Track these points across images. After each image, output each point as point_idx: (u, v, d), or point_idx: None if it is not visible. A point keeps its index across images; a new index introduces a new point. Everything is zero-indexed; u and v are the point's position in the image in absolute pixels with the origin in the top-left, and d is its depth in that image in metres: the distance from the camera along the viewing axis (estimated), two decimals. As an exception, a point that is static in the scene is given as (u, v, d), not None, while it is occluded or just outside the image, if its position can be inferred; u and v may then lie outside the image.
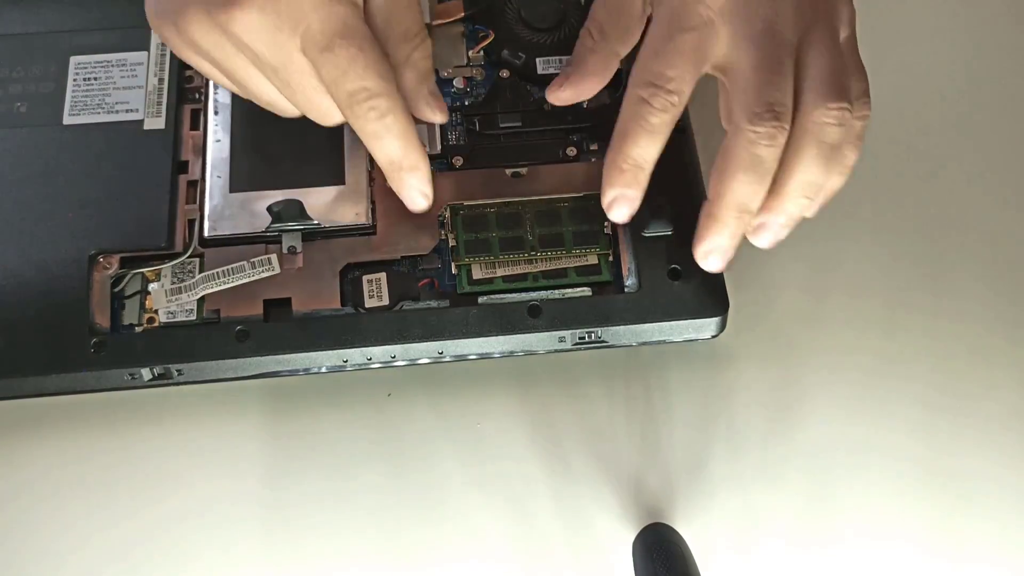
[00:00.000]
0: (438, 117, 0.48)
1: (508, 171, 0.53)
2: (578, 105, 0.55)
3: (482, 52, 0.58)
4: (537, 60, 0.57)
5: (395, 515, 0.50)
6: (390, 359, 0.50)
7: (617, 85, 0.55)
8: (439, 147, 0.55)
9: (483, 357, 0.51)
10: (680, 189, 0.52)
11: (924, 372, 0.53)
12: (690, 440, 0.51)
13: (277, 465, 0.51)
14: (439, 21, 0.58)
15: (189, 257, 0.51)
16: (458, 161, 0.54)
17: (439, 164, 0.54)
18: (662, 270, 0.50)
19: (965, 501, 0.50)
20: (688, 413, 0.52)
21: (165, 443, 0.51)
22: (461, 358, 0.50)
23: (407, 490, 0.50)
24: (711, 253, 0.46)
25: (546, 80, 0.56)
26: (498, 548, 0.49)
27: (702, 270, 0.49)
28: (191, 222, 0.52)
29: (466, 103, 0.56)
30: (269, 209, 0.51)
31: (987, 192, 0.58)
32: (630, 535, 0.48)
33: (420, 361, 0.50)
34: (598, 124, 0.55)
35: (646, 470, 0.51)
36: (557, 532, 0.50)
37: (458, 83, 0.57)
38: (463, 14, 0.58)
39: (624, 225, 0.51)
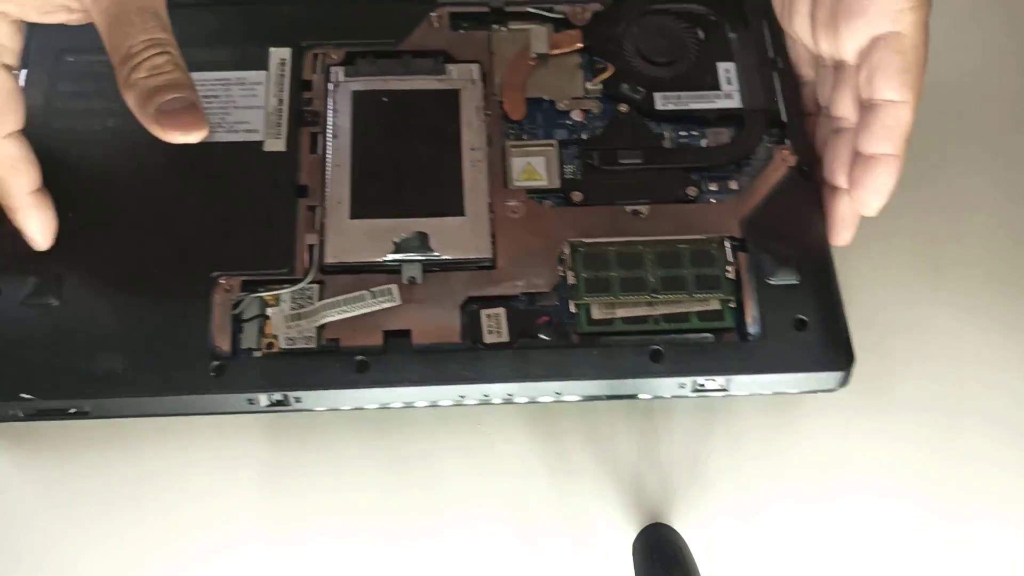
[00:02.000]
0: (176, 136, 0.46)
1: (627, 208, 0.53)
2: (697, 143, 0.55)
3: (600, 84, 0.57)
4: (655, 95, 0.56)
5: (395, 514, 0.50)
6: (507, 397, 0.50)
7: (739, 126, 0.55)
8: (558, 181, 0.54)
9: (597, 399, 0.50)
10: (805, 237, 0.52)
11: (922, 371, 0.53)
12: (690, 440, 0.51)
13: (276, 464, 0.51)
14: (556, 51, 0.58)
15: (309, 283, 0.50)
16: (577, 196, 0.53)
17: (556, 198, 0.54)
18: (788, 320, 0.50)
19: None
20: (688, 413, 0.52)
21: (179, 464, 0.51)
22: (581, 399, 0.50)
23: (407, 490, 0.50)
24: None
25: (664, 116, 0.55)
26: (498, 548, 0.49)
27: (827, 321, 0.49)
28: (311, 247, 0.51)
29: (583, 136, 0.56)
30: (394, 240, 0.50)
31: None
32: (630, 535, 0.48)
33: (539, 400, 0.50)
34: (718, 164, 0.54)
35: (646, 470, 0.51)
36: (557, 532, 0.50)
37: (575, 115, 0.56)
38: (580, 45, 0.58)
39: (748, 272, 0.51)
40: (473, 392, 0.49)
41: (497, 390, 0.49)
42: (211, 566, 0.49)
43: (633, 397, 0.50)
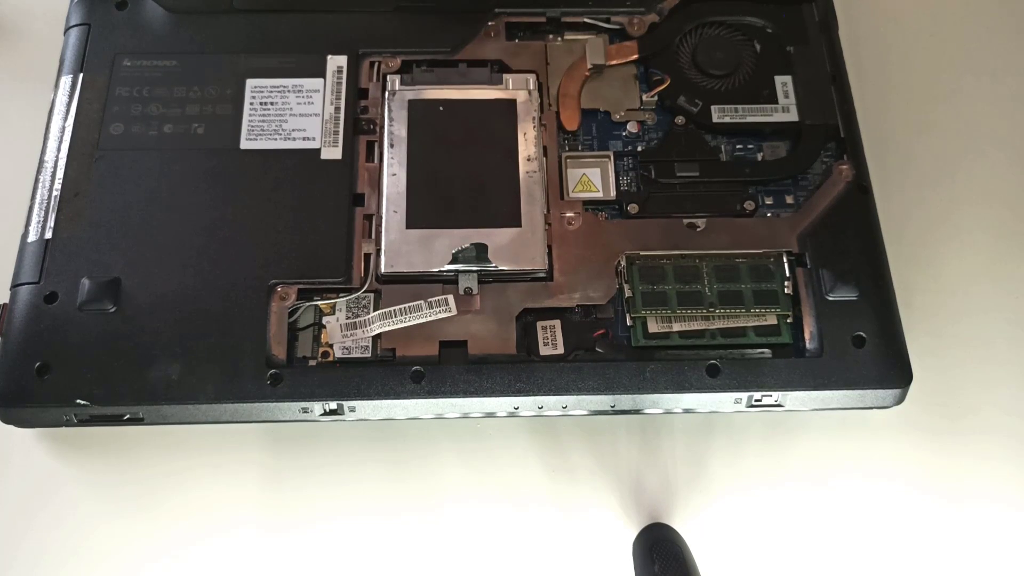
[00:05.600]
0: None
1: (684, 221, 0.52)
2: (753, 157, 0.55)
3: (655, 96, 0.57)
4: (712, 108, 0.56)
5: (395, 514, 0.50)
6: (562, 409, 0.49)
7: (796, 139, 0.55)
8: (613, 192, 0.54)
9: (653, 414, 0.50)
10: (864, 252, 0.51)
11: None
12: (690, 440, 0.51)
13: (276, 474, 0.51)
14: (612, 61, 0.57)
15: (365, 292, 0.50)
16: (633, 208, 0.53)
17: (612, 210, 0.53)
18: (846, 336, 0.49)
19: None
20: (688, 417, 0.52)
21: (180, 466, 0.51)
22: (634, 412, 0.50)
23: (408, 490, 0.51)
24: None
25: (721, 129, 0.55)
26: (498, 548, 0.49)
27: (886, 338, 0.48)
28: (367, 256, 0.51)
29: (638, 148, 0.55)
30: (452, 251, 0.50)
31: None
32: (630, 535, 0.48)
33: (593, 410, 0.50)
34: (775, 178, 0.54)
35: (646, 470, 0.50)
36: (557, 532, 0.50)
37: (631, 127, 0.56)
38: (636, 56, 0.57)
39: (806, 287, 0.50)
40: (527, 404, 0.49)
41: (552, 402, 0.49)
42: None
43: (691, 412, 0.50)
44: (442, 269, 0.50)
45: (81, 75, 0.55)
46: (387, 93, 0.55)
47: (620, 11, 0.58)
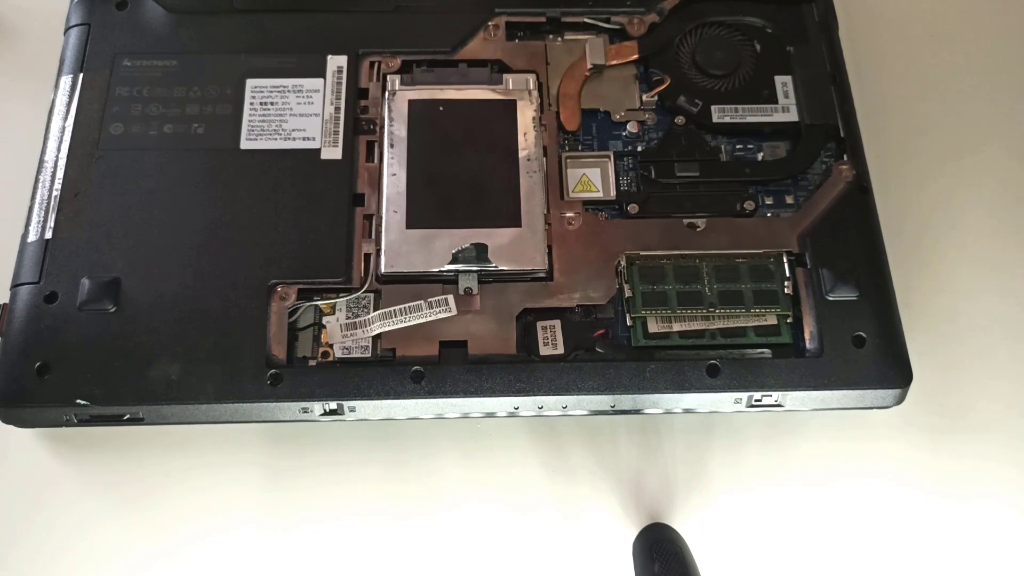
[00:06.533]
0: None
1: (684, 221, 0.52)
2: (753, 157, 0.55)
3: (656, 96, 0.57)
4: (712, 108, 0.56)
5: (395, 514, 0.50)
6: (562, 409, 0.49)
7: (796, 139, 0.55)
8: (613, 192, 0.54)
9: (658, 412, 0.50)
10: (864, 252, 0.51)
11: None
12: (690, 440, 0.51)
13: (276, 474, 0.51)
14: (612, 62, 0.57)
15: (365, 292, 0.50)
16: (633, 208, 0.53)
17: (612, 210, 0.53)
18: (846, 336, 0.49)
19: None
20: (688, 416, 0.51)
21: (180, 466, 0.51)
22: (634, 412, 0.50)
23: (408, 490, 0.50)
24: None
25: (721, 129, 0.55)
26: (498, 548, 0.49)
27: (886, 338, 0.48)
28: (367, 256, 0.51)
29: (638, 148, 0.55)
30: (452, 251, 0.50)
31: None
32: (630, 535, 0.48)
33: (593, 410, 0.50)
34: (775, 178, 0.54)
35: (646, 470, 0.50)
36: (557, 532, 0.50)
37: (631, 127, 0.56)
38: (636, 56, 0.57)
39: (806, 287, 0.50)
40: (527, 404, 0.49)
41: (552, 402, 0.49)
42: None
43: (690, 412, 0.50)
44: (442, 269, 0.50)
45: (81, 75, 0.55)
46: (387, 93, 0.55)
47: (620, 11, 0.58)
